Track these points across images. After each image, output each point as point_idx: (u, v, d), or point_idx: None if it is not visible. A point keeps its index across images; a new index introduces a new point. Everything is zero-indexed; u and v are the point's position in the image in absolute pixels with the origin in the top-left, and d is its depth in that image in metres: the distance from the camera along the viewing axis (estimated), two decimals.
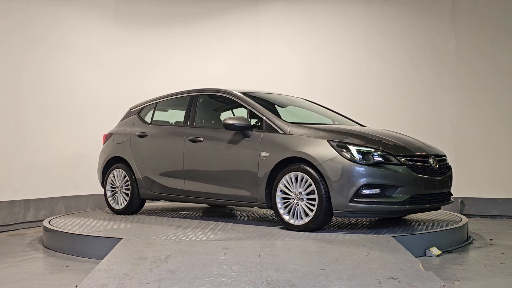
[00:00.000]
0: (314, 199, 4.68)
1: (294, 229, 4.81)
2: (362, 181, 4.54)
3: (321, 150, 4.71)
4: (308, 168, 4.72)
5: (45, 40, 7.31)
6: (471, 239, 5.43)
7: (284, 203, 4.89)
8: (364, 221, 5.45)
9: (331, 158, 4.64)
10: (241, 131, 5.20)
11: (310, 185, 4.70)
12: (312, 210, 4.69)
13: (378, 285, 3.30)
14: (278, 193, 4.89)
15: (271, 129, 5.09)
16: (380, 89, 8.01)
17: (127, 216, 6.12)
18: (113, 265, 3.76)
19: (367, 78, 8.08)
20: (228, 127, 5.17)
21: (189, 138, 5.65)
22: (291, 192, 4.83)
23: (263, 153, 5.01)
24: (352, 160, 4.60)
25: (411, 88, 7.90)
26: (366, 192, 4.57)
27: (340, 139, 4.78)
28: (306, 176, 4.72)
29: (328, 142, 4.74)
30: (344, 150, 4.65)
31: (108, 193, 6.34)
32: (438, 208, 5.25)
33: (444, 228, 4.95)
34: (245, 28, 8.57)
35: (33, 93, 7.10)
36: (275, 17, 8.51)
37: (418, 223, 5.31)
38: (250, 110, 5.36)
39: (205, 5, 8.65)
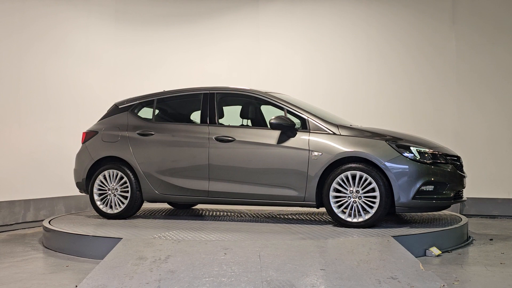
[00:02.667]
0: (373, 197, 4.89)
1: (352, 226, 4.94)
2: (423, 179, 4.88)
3: (382, 151, 4.96)
4: (368, 168, 4.90)
5: (45, 40, 7.32)
6: (471, 239, 5.43)
7: (336, 202, 5.00)
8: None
9: (393, 158, 4.91)
10: (286, 131, 5.24)
11: (370, 183, 4.89)
12: (372, 207, 4.89)
13: (378, 285, 3.30)
14: (332, 192, 5.00)
15: (318, 129, 5.21)
16: (381, 89, 8.01)
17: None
18: (113, 265, 3.76)
19: (368, 77, 8.08)
20: (276, 126, 5.22)
21: (214, 137, 5.50)
22: (346, 190, 4.97)
23: (314, 153, 5.09)
24: (414, 159, 4.92)
25: (412, 88, 7.91)
26: (423, 189, 4.90)
27: (395, 140, 5.07)
28: (365, 175, 4.90)
29: (387, 143, 5.01)
30: (405, 151, 4.96)
31: (96, 197, 5.85)
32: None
33: (444, 228, 4.95)
34: (246, 27, 8.57)
35: (33, 93, 7.10)
36: (275, 17, 8.51)
37: (418, 223, 5.31)
38: (289, 110, 5.38)
39: (205, 5, 8.66)
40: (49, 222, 5.59)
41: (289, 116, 5.34)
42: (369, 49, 8.11)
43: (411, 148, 5.00)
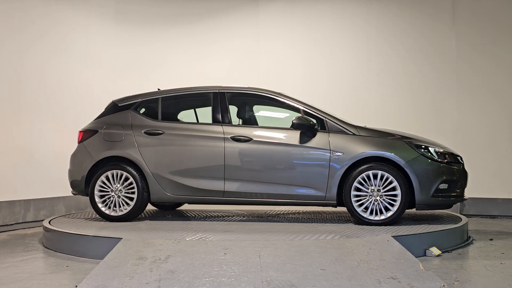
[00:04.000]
0: (394, 195, 5.10)
1: (374, 224, 5.11)
2: (441, 178, 5.15)
3: (402, 151, 5.18)
4: (389, 167, 5.11)
5: (46, 40, 7.32)
6: (471, 239, 5.43)
7: (357, 201, 5.16)
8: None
9: (413, 158, 5.14)
10: (306, 131, 5.32)
11: (391, 182, 5.09)
12: (392, 205, 5.10)
13: (378, 285, 3.30)
14: (353, 191, 5.16)
15: (337, 130, 5.35)
16: (381, 89, 8.01)
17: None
18: (113, 265, 3.76)
19: (368, 77, 8.08)
20: (298, 127, 5.31)
21: (230, 136, 5.45)
22: (367, 189, 5.14)
23: (336, 153, 5.22)
24: (432, 159, 5.19)
25: (412, 88, 7.91)
26: (440, 187, 5.16)
27: (413, 140, 5.30)
28: (387, 174, 5.10)
29: (407, 143, 5.25)
30: (424, 151, 5.21)
31: (97, 199, 5.60)
32: None
33: (444, 228, 4.96)
34: (246, 27, 8.57)
35: (33, 93, 7.10)
36: (275, 17, 8.51)
37: (418, 223, 5.31)
38: (305, 111, 5.46)
39: (205, 5, 8.66)
40: (49, 222, 5.59)
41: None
42: (369, 49, 8.11)
43: (429, 148, 5.26)
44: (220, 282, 3.35)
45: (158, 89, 6.13)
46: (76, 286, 3.52)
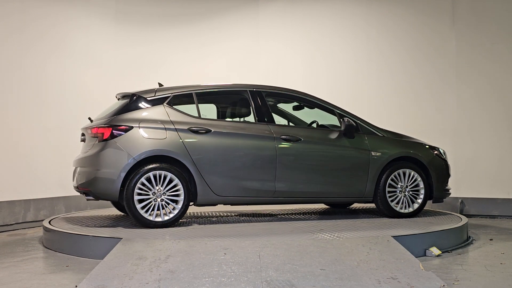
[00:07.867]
0: (417, 191, 5.71)
1: (404, 216, 5.64)
2: (449, 174, 5.94)
3: (424, 151, 5.83)
4: (413, 166, 5.68)
5: (46, 40, 7.31)
6: (471, 239, 5.43)
7: (389, 196, 5.63)
8: (364, 221, 5.45)
9: (432, 157, 5.83)
10: (347, 132, 5.62)
11: (416, 179, 5.69)
12: (416, 199, 5.71)
13: (378, 285, 3.31)
14: (387, 188, 5.62)
15: (370, 132, 5.78)
16: (381, 88, 8.01)
17: (127, 216, 5.90)
18: (113, 265, 3.76)
19: (368, 77, 8.08)
20: (348, 128, 5.58)
21: (281, 136, 5.42)
22: (398, 185, 5.65)
23: (373, 153, 5.63)
24: (443, 158, 5.95)
25: (412, 88, 7.91)
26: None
27: (425, 142, 5.96)
28: (413, 172, 5.67)
29: (423, 144, 5.91)
30: (436, 151, 5.93)
31: (137, 204, 4.98)
32: None
33: (444, 228, 4.96)
34: (245, 28, 8.57)
35: (33, 93, 7.10)
36: (275, 17, 8.51)
37: (418, 223, 5.31)
38: (341, 114, 5.76)
39: (205, 5, 8.65)
40: (49, 222, 5.60)
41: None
42: (369, 49, 8.11)
43: (440, 149, 5.99)
44: (220, 282, 3.36)
45: (159, 83, 5.91)
46: (76, 286, 3.52)
